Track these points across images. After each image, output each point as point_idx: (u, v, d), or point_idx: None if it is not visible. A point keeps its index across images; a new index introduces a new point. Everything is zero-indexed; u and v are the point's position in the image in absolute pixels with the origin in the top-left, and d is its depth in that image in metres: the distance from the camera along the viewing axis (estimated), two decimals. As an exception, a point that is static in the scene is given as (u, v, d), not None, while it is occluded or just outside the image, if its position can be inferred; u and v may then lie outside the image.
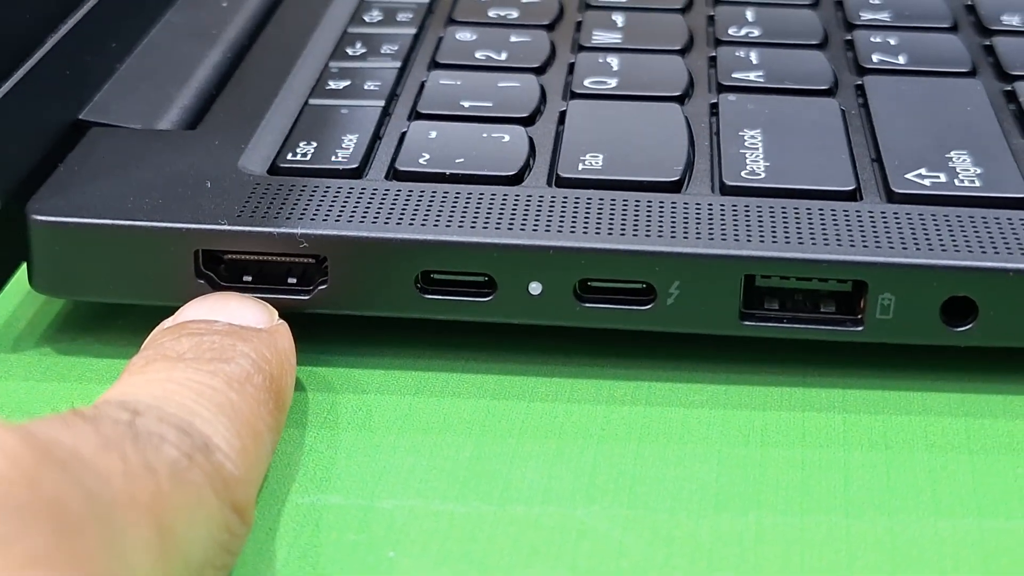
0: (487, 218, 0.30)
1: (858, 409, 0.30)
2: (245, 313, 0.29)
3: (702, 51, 0.39)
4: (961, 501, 0.27)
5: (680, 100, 0.36)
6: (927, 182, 0.32)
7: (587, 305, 0.30)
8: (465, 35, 0.40)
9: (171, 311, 0.31)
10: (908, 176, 0.32)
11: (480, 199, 0.31)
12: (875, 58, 0.38)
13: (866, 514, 0.27)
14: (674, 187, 0.32)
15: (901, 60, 0.38)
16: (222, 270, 0.31)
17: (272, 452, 0.27)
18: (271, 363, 0.27)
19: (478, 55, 0.39)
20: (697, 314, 0.30)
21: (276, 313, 0.29)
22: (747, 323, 0.30)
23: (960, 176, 0.32)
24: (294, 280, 0.31)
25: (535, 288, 0.30)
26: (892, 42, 0.39)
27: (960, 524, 0.26)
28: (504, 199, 0.31)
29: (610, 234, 0.30)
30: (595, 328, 0.31)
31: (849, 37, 0.40)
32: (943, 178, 0.32)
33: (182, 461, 0.23)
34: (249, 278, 0.31)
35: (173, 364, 0.26)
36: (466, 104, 0.36)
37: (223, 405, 0.25)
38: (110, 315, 0.33)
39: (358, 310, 0.31)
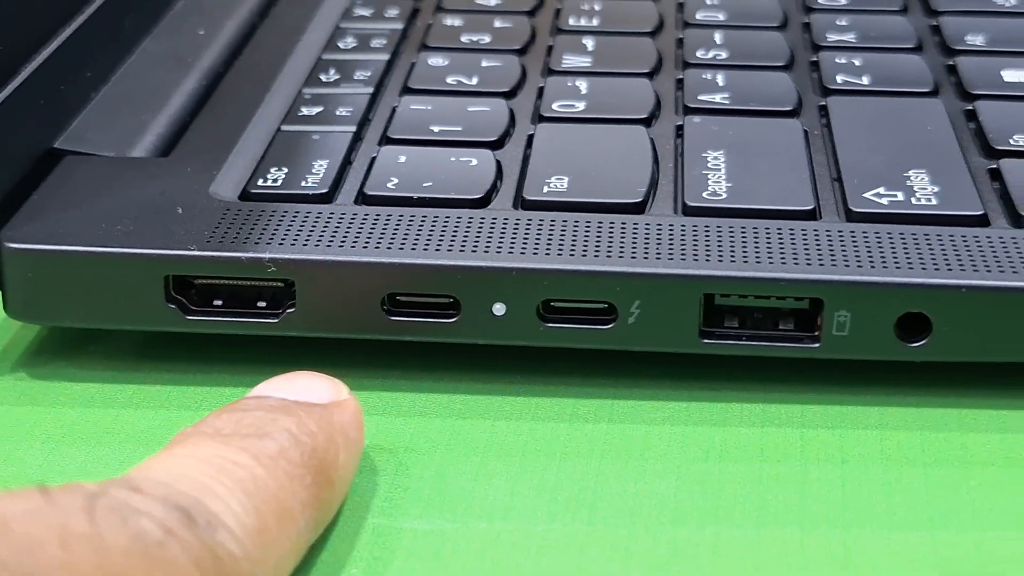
0: (452, 241, 0.31)
1: (816, 424, 0.30)
2: (307, 389, 0.28)
3: (670, 73, 0.40)
4: (915, 514, 0.28)
5: (646, 122, 0.37)
6: (885, 200, 0.33)
7: (550, 325, 0.31)
8: (437, 60, 0.41)
9: (145, 335, 0.32)
10: (866, 195, 0.33)
11: (446, 222, 0.32)
12: (839, 79, 0.39)
13: (820, 528, 0.27)
14: (637, 208, 0.33)
15: (864, 81, 0.39)
16: (192, 295, 0.31)
17: (314, 530, 0.26)
18: (316, 437, 0.26)
19: (449, 80, 0.39)
20: (658, 333, 0.30)
21: (345, 389, 0.28)
22: (707, 341, 0.31)
23: (917, 194, 0.33)
24: (264, 304, 0.31)
25: (499, 309, 0.30)
26: (857, 63, 0.40)
27: (913, 536, 0.27)
28: (470, 222, 0.32)
29: (572, 255, 0.31)
30: (559, 347, 0.31)
31: (815, 58, 0.41)
32: (901, 196, 0.33)
33: (153, 534, 0.22)
34: (220, 302, 0.31)
35: (207, 441, 0.25)
36: (436, 129, 0.36)
37: (244, 481, 0.24)
38: (85, 340, 0.33)
39: (326, 332, 0.31)
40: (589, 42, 0.42)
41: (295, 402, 0.27)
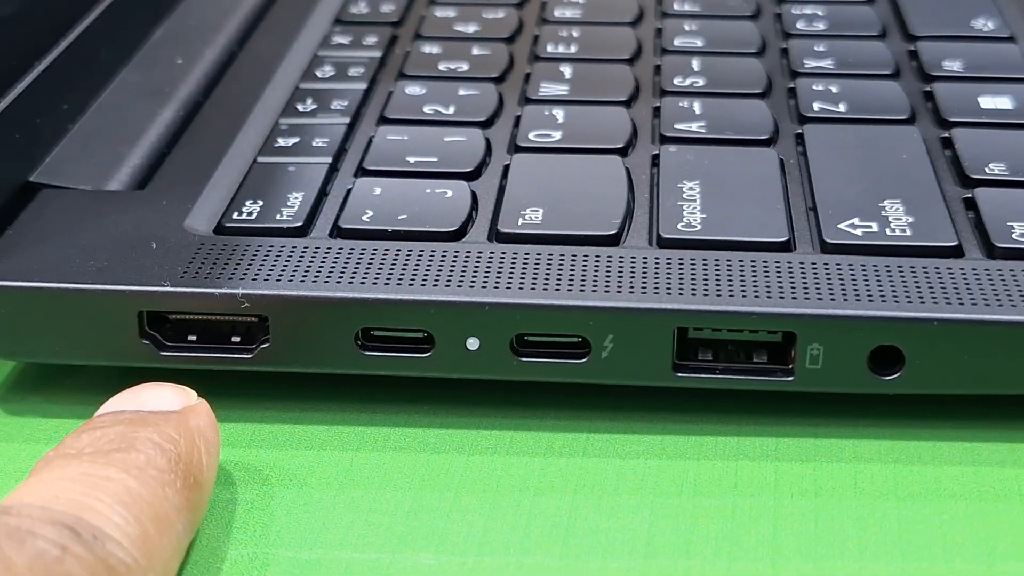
0: (425, 275, 0.31)
1: (790, 457, 0.30)
2: (157, 399, 0.29)
3: (647, 101, 0.40)
4: (886, 547, 0.28)
5: (623, 152, 0.37)
6: (859, 232, 0.33)
7: (524, 359, 0.31)
8: (415, 89, 0.41)
9: (120, 371, 0.32)
10: (841, 226, 0.33)
11: (420, 256, 0.32)
12: (816, 106, 0.39)
13: (792, 562, 0.27)
14: (611, 240, 0.33)
15: (841, 108, 0.39)
16: (167, 330, 0.31)
17: (190, 531, 0.27)
18: (178, 443, 0.27)
19: (426, 109, 0.39)
20: (631, 366, 0.31)
21: (193, 395, 0.29)
22: (680, 374, 0.31)
23: (892, 225, 0.33)
24: (238, 339, 0.31)
25: (472, 344, 0.30)
26: (834, 90, 0.40)
27: (886, 570, 0.27)
28: (444, 255, 0.32)
29: (545, 289, 0.31)
30: (532, 381, 0.31)
31: (792, 85, 0.41)
32: (875, 227, 0.33)
33: (51, 552, 0.23)
34: (194, 337, 0.31)
35: (69, 461, 0.26)
36: (412, 159, 0.36)
37: (119, 494, 0.25)
38: (60, 375, 0.33)
39: (300, 367, 0.31)
40: (567, 69, 0.42)
41: (150, 412, 0.28)
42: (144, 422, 0.27)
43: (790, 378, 0.31)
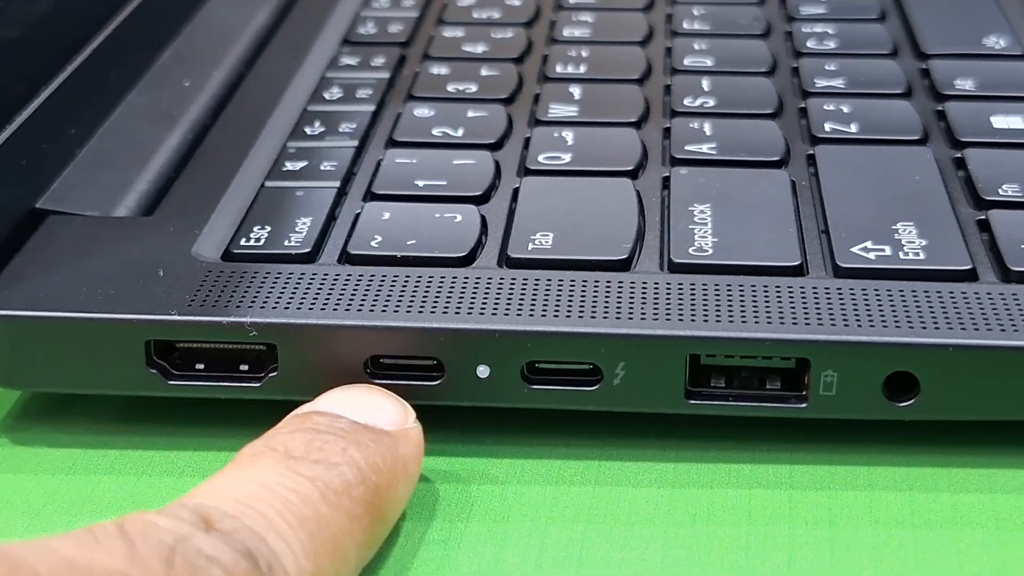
0: (435, 302, 0.31)
1: (804, 485, 0.30)
2: (377, 411, 0.28)
3: (657, 122, 0.40)
4: (903, 577, 0.27)
5: (633, 174, 0.37)
6: (872, 255, 0.32)
7: (535, 387, 0.30)
8: (423, 111, 0.40)
9: (128, 399, 0.32)
10: (854, 250, 0.33)
11: (429, 282, 0.31)
12: (827, 127, 0.39)
13: (808, 594, 0.27)
14: (622, 265, 0.32)
15: (853, 128, 0.39)
16: (175, 358, 0.31)
17: (360, 566, 0.26)
18: (381, 473, 0.27)
19: (435, 132, 0.39)
20: (643, 394, 0.30)
21: (412, 414, 0.29)
22: (693, 402, 0.30)
23: (905, 248, 0.33)
24: (246, 367, 0.31)
25: (483, 371, 0.30)
26: (845, 110, 0.40)
27: (902, 601, 0.27)
28: (453, 282, 0.32)
29: (556, 316, 0.30)
30: (544, 409, 0.31)
31: (803, 105, 0.41)
32: (888, 251, 0.32)
33: None
34: (202, 366, 0.31)
35: (275, 463, 0.26)
36: (421, 183, 0.36)
37: (308, 519, 0.25)
38: (68, 404, 0.33)
39: (309, 396, 0.31)
40: (576, 90, 0.42)
41: (364, 427, 0.28)
42: (356, 439, 0.27)
43: (804, 405, 0.30)
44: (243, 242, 0.33)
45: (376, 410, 0.28)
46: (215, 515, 0.24)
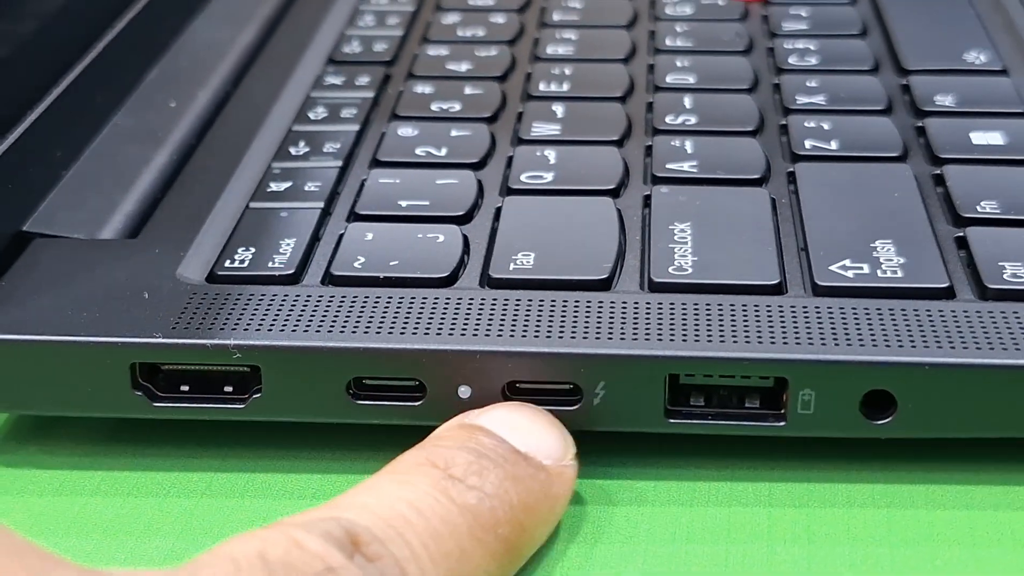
0: (416, 323, 0.31)
1: (783, 503, 0.30)
2: (542, 440, 0.28)
3: (640, 140, 0.40)
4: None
5: (614, 193, 0.37)
6: (851, 273, 0.33)
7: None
8: (407, 130, 0.41)
9: (115, 421, 0.32)
10: (832, 268, 0.33)
11: (411, 303, 0.32)
12: (808, 144, 0.39)
13: (785, 612, 0.27)
14: (603, 285, 0.33)
15: (833, 145, 0.39)
16: (160, 381, 0.31)
17: None
18: (530, 513, 0.27)
19: (418, 151, 0.39)
20: (623, 413, 0.31)
21: (572, 449, 0.29)
22: (672, 420, 0.31)
23: (883, 266, 0.33)
24: (231, 389, 0.31)
25: (464, 392, 0.31)
26: (826, 127, 0.40)
27: (879, 618, 0.27)
28: (435, 303, 0.32)
29: (536, 337, 0.31)
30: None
31: (784, 122, 0.41)
32: (866, 269, 0.33)
33: None
34: (187, 388, 0.31)
35: (433, 482, 0.26)
36: (404, 203, 0.36)
37: (450, 555, 0.25)
38: (54, 425, 0.33)
39: (292, 416, 0.31)
40: (559, 108, 0.42)
41: (525, 457, 0.28)
42: (515, 474, 0.27)
43: (782, 423, 0.31)
44: (227, 264, 0.34)
45: (541, 439, 0.29)
46: (364, 537, 0.24)
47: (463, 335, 0.31)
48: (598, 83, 0.44)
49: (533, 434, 0.29)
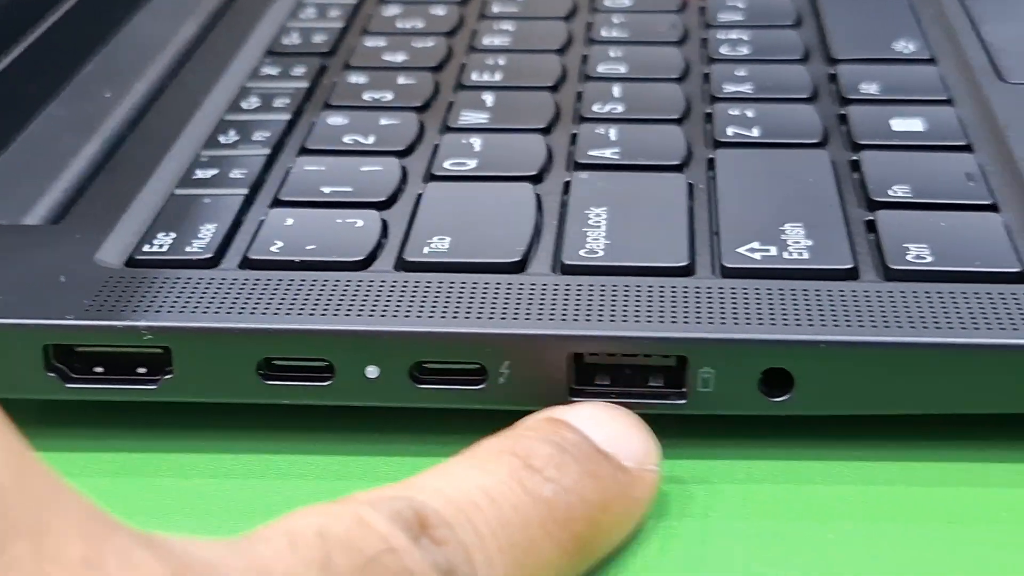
0: (327, 305, 0.32)
1: (684, 480, 0.31)
2: (626, 441, 0.28)
3: (566, 128, 0.41)
4: (773, 568, 0.28)
5: (536, 179, 0.37)
6: (758, 256, 0.33)
7: (422, 386, 0.31)
8: (337, 119, 0.41)
9: (27, 403, 0.32)
10: (740, 250, 0.33)
11: (324, 286, 0.32)
12: (730, 131, 0.40)
13: (676, 584, 0.28)
14: (515, 268, 0.33)
15: (755, 132, 0.40)
16: (73, 363, 0.32)
17: None
18: (607, 512, 0.27)
19: (346, 139, 0.40)
20: (528, 391, 0.31)
21: (657, 455, 0.29)
22: (577, 399, 0.31)
23: (790, 249, 0.33)
24: (144, 370, 0.32)
25: (372, 372, 0.31)
26: (749, 114, 0.41)
27: (769, 590, 0.28)
28: (347, 285, 0.32)
29: (443, 318, 0.31)
30: (432, 408, 0.32)
31: (710, 110, 0.41)
32: (774, 251, 0.33)
33: None
34: (100, 369, 0.32)
35: (511, 471, 0.26)
36: (327, 190, 0.37)
37: (518, 545, 0.25)
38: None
39: (204, 397, 0.32)
40: (489, 97, 0.43)
41: (606, 456, 0.27)
42: (596, 472, 0.27)
43: (683, 401, 0.31)
44: (146, 248, 0.34)
45: (625, 439, 0.28)
46: (433, 520, 0.24)
47: (371, 316, 0.31)
48: (530, 73, 0.44)
49: (618, 434, 0.28)
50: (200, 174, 0.38)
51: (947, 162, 0.38)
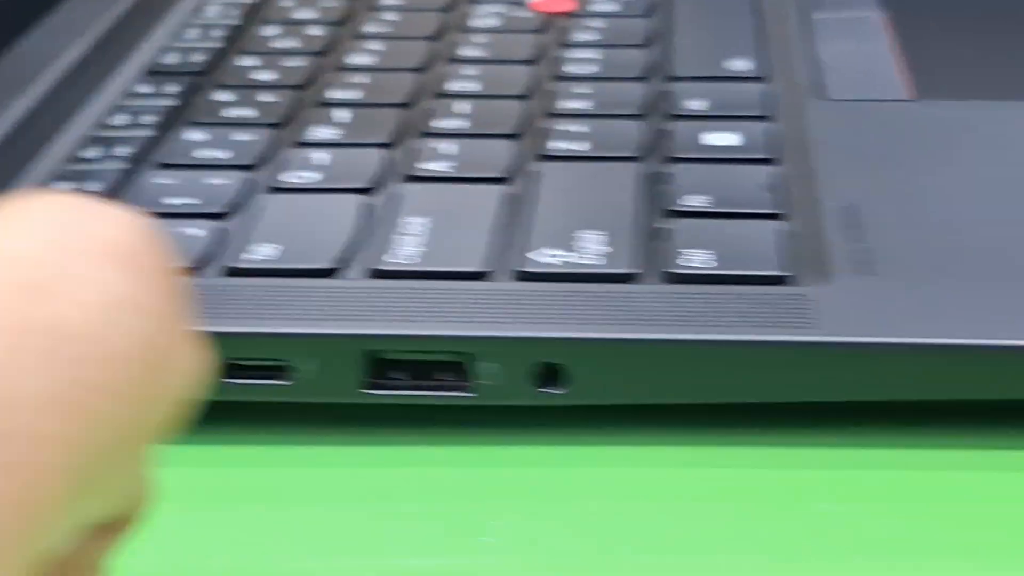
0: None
1: (467, 464, 0.34)
2: None
3: (408, 143, 0.44)
4: (514, 541, 0.31)
5: (367, 191, 0.40)
6: (551, 260, 0.36)
7: (232, 380, 0.34)
8: (197, 135, 0.44)
9: None
10: (536, 256, 0.36)
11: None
12: (557, 146, 0.43)
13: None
14: (327, 274, 0.36)
15: (581, 147, 0.43)
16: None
17: None
18: None
19: (201, 154, 0.43)
20: (328, 386, 0.34)
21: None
22: (372, 392, 0.34)
23: (582, 254, 0.36)
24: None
25: (186, 368, 0.34)
26: (582, 130, 0.44)
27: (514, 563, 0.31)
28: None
29: (256, 319, 0.34)
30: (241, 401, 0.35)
31: (545, 126, 0.44)
32: (568, 257, 0.36)
33: None
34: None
35: None
36: (171, 201, 0.40)
37: None
38: None
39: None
40: (344, 114, 0.45)
41: None
42: None
43: (471, 394, 0.34)
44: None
45: None
46: None
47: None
48: (385, 90, 0.47)
49: None
50: (58, 186, 0.41)
51: (749, 174, 0.41)
